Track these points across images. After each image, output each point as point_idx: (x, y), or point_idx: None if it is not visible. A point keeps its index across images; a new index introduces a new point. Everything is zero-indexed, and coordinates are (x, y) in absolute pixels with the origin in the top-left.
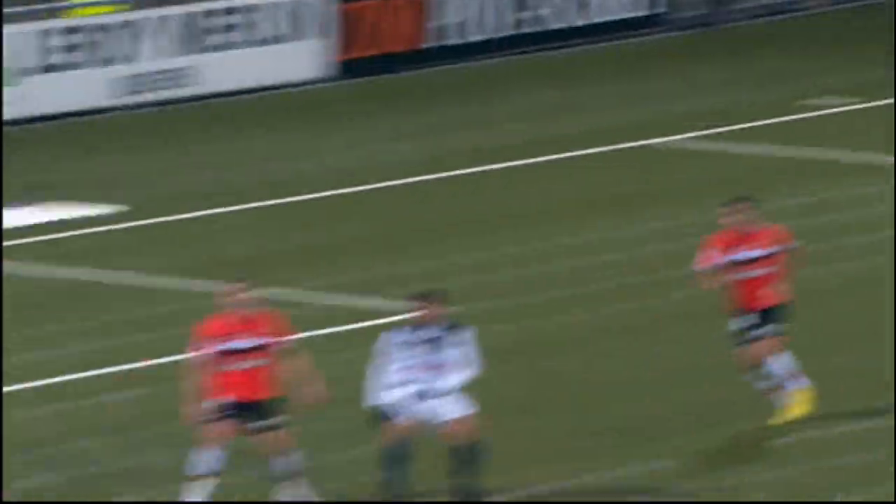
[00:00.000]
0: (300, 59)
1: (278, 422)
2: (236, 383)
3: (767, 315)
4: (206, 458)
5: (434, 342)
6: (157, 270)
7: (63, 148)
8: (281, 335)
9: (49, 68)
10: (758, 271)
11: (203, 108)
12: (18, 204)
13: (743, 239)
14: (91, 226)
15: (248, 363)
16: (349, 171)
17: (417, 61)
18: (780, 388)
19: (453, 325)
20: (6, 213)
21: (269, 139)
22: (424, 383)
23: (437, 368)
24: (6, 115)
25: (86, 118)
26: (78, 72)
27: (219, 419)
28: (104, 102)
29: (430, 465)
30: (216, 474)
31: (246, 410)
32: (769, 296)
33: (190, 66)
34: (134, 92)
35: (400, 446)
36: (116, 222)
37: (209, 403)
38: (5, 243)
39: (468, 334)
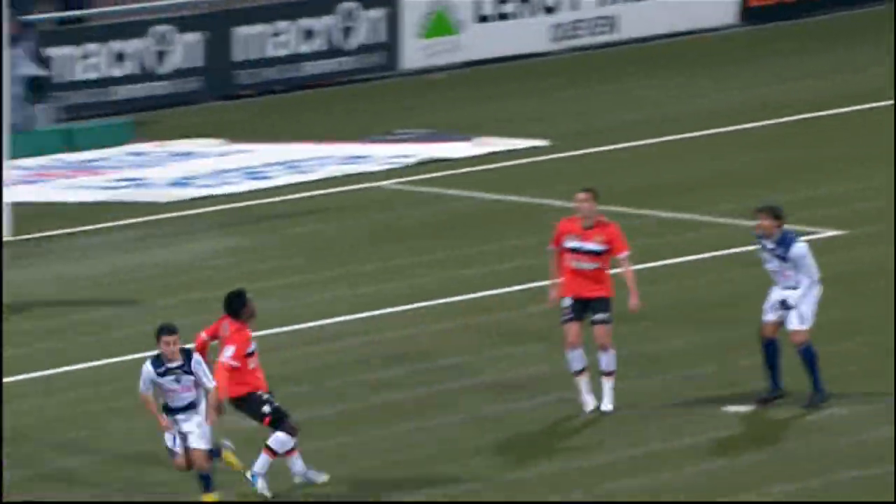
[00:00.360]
0: (710, 9)
1: (607, 318)
2: (576, 281)
3: None
4: (573, 358)
5: (777, 253)
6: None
7: (500, 88)
8: (616, 245)
9: (482, 19)
10: None
11: (619, 52)
12: (460, 138)
13: None
14: (518, 157)
15: (586, 265)
16: (748, 109)
17: (814, 9)
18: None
19: (787, 239)
20: (448, 146)
21: (677, 80)
22: (784, 290)
23: (787, 278)
24: (452, 60)
25: (517, 62)
26: (513, 21)
27: (568, 319)
28: (533, 48)
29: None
30: (582, 372)
31: (583, 306)
32: None
33: (612, 14)
34: (559, 39)
35: (768, 344)
36: (540, 154)
37: (565, 301)
38: (443, 173)
39: (801, 249)
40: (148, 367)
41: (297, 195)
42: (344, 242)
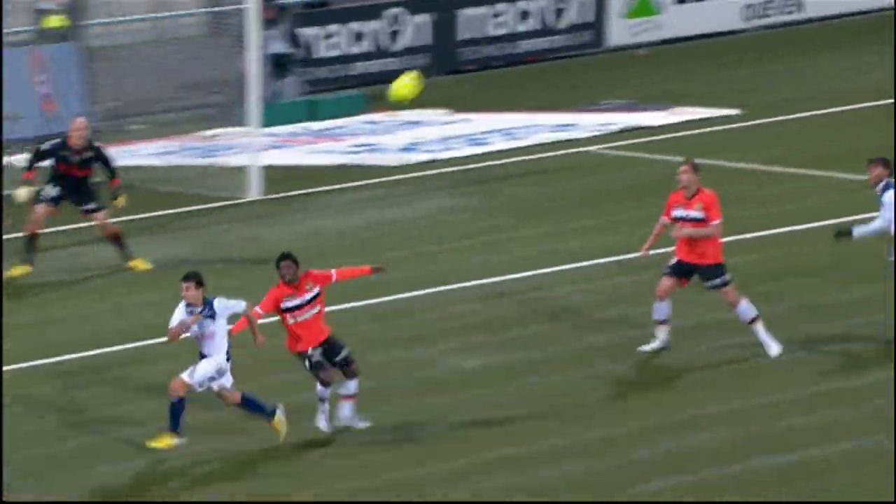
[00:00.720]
0: None
1: (720, 282)
2: (685, 247)
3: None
4: (658, 308)
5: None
6: (767, 161)
7: (695, 63)
8: (710, 213)
9: (681, 1)
10: None
11: (804, 31)
12: (659, 108)
13: None
14: (712, 125)
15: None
16: None
17: None
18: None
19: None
20: (647, 115)
21: (857, 56)
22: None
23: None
24: (653, 38)
25: (712, 40)
26: (709, 3)
27: (665, 273)
28: (727, 27)
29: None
30: (664, 322)
31: (687, 270)
32: None
33: None
34: (750, 18)
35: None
36: (732, 122)
37: (673, 259)
38: (643, 139)
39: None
40: (181, 307)
41: (512, 159)
42: (554, 202)
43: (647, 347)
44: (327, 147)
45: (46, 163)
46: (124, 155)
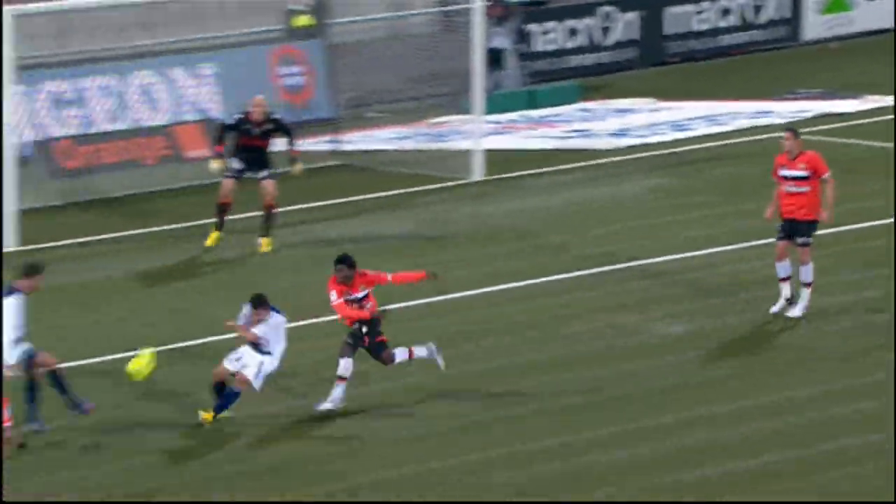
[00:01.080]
0: None
1: (806, 241)
2: (789, 204)
3: None
4: (779, 267)
5: None
6: None
7: (883, 56)
8: (818, 168)
9: None
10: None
11: None
12: (850, 96)
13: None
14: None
15: (795, 188)
16: None
17: None
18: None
19: None
20: (840, 103)
21: None
22: None
23: None
24: (845, 32)
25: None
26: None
27: (779, 238)
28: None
29: None
30: (787, 279)
31: (793, 227)
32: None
33: None
34: None
35: None
36: None
37: (779, 223)
38: (836, 125)
39: None
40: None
41: (714, 143)
42: (753, 182)
43: (775, 308)
44: (544, 133)
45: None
46: (362, 140)
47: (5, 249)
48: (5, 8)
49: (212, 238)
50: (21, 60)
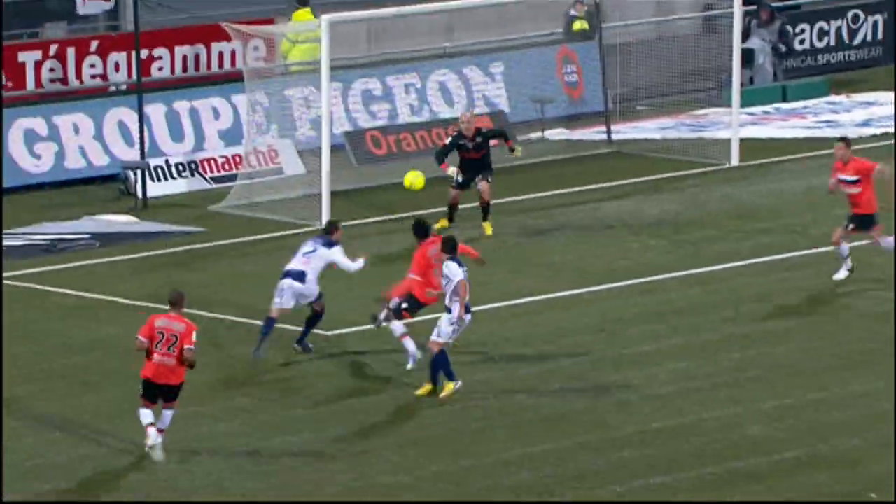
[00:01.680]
0: None
1: (865, 228)
2: (850, 201)
3: None
4: (838, 252)
5: None
6: None
7: None
8: (864, 168)
9: None
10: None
11: None
12: None
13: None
14: None
15: (851, 190)
16: None
17: None
18: None
19: None
20: None
21: None
22: None
23: None
24: None
25: None
26: None
27: (841, 226)
28: None
29: None
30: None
31: (856, 221)
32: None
33: None
34: None
35: None
36: None
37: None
38: None
39: None
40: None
41: None
42: None
43: (837, 276)
44: (794, 123)
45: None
46: (632, 130)
47: (319, 227)
48: (322, 16)
49: (440, 223)
50: (336, 62)
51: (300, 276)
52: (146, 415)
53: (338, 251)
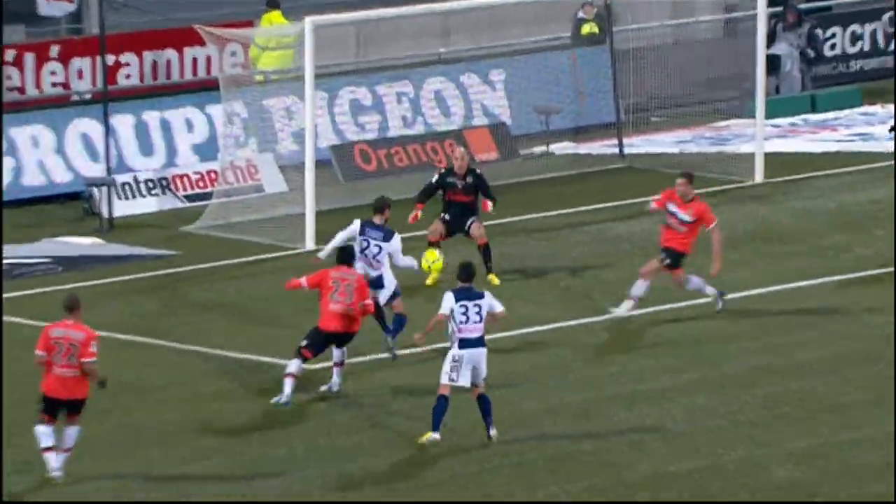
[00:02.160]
0: None
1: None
2: (668, 235)
3: None
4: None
5: None
6: None
7: None
8: (705, 218)
9: None
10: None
11: None
12: None
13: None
14: None
15: (678, 227)
16: None
17: None
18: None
19: None
20: None
21: None
22: None
23: None
24: None
25: None
26: None
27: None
28: None
29: None
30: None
31: (672, 256)
32: None
33: None
34: None
35: None
36: None
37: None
38: None
39: None
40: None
41: None
42: None
43: (618, 311)
44: (824, 136)
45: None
46: (645, 143)
47: (304, 249)
48: (307, 18)
49: (432, 278)
50: (321, 68)
51: (378, 283)
52: (45, 435)
53: (397, 242)
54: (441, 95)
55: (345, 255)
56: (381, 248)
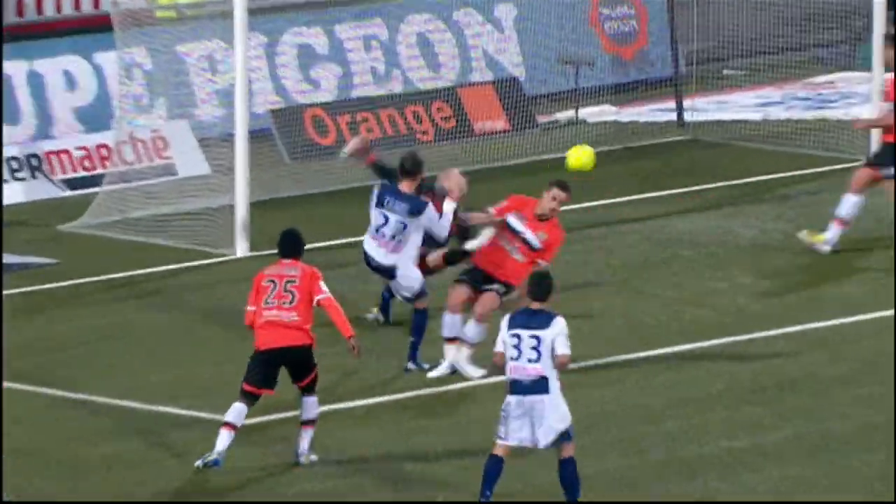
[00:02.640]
0: None
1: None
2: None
3: None
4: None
5: None
6: None
7: None
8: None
9: None
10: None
11: None
12: None
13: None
14: None
15: (516, 255)
16: None
17: None
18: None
19: None
20: None
21: None
22: None
23: None
24: None
25: None
26: None
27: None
28: None
29: None
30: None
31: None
32: None
33: None
34: None
35: None
36: None
37: None
38: None
39: None
40: None
41: None
42: None
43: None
44: None
45: None
46: (715, 107)
47: (234, 256)
48: None
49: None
50: (258, 1)
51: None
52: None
53: (431, 211)
54: (426, 39)
55: (287, 243)
56: (405, 224)
